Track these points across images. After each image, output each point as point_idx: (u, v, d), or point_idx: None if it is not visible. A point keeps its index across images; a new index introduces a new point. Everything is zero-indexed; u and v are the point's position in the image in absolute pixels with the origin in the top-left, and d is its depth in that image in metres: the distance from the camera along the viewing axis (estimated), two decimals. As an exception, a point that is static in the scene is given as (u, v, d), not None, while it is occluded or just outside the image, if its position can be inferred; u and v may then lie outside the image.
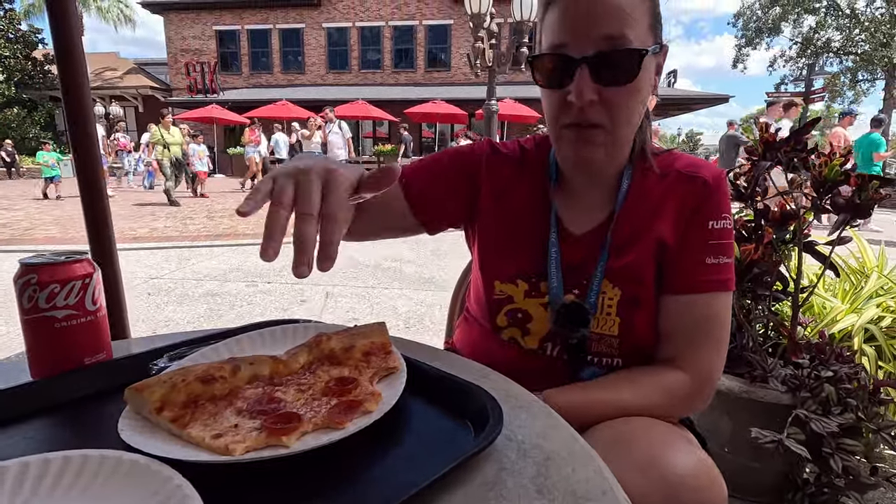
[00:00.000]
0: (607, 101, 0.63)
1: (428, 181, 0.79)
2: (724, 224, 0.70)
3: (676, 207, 0.70)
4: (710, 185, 0.70)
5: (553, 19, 0.64)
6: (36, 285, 0.52)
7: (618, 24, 0.60)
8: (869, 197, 1.28)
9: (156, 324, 3.04)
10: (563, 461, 0.41)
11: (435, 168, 0.80)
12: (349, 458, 0.41)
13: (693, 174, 0.71)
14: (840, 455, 1.21)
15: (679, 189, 0.71)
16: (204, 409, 0.44)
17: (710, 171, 0.72)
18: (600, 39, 0.61)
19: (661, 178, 0.73)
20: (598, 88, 0.62)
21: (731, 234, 0.71)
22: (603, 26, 0.61)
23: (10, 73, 19.77)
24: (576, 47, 0.62)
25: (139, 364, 0.55)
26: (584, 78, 0.61)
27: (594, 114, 0.64)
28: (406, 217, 0.78)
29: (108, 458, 0.37)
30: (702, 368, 0.69)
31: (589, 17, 0.61)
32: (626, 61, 0.62)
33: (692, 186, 0.71)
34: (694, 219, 0.70)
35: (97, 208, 1.10)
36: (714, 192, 0.70)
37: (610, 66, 0.62)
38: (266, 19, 20.53)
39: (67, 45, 1.07)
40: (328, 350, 0.53)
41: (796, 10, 22.58)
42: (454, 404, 0.48)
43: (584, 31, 0.61)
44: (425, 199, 0.78)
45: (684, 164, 0.74)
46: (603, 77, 0.62)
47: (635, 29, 0.61)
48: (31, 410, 0.48)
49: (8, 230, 6.12)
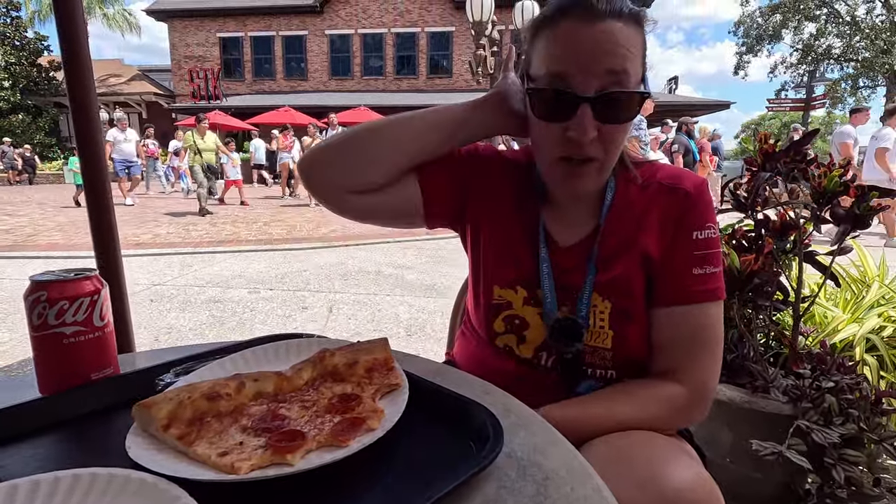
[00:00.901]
0: (604, 136, 0.64)
1: (440, 173, 0.78)
2: (709, 234, 0.70)
3: (659, 219, 0.71)
4: (691, 196, 0.71)
5: (552, 47, 0.64)
6: (46, 302, 0.53)
7: (621, 59, 0.62)
8: (868, 208, 1.29)
9: (158, 331, 3.05)
10: (562, 480, 0.41)
11: (448, 163, 0.79)
12: (352, 476, 0.42)
13: (674, 185, 0.72)
14: (842, 466, 1.21)
15: (661, 201, 0.72)
16: (209, 427, 0.45)
17: (692, 182, 0.72)
18: (604, 74, 0.62)
19: (643, 189, 0.74)
20: (598, 125, 0.63)
21: (717, 244, 0.71)
22: (607, 61, 0.61)
23: (16, 80, 19.95)
24: (580, 82, 0.62)
25: (146, 379, 0.56)
26: (587, 116, 0.62)
27: (591, 149, 0.65)
28: (414, 203, 0.77)
29: (116, 477, 0.38)
30: (698, 379, 0.69)
31: (594, 52, 0.61)
32: (628, 101, 0.63)
33: (674, 198, 0.71)
34: (678, 231, 0.70)
35: (103, 218, 1.11)
36: (696, 203, 0.71)
37: (613, 106, 0.63)
38: (269, 26, 20.71)
39: (75, 52, 1.08)
40: (331, 366, 0.54)
41: (796, 17, 22.68)
42: (455, 421, 0.49)
43: (588, 65, 0.62)
44: (436, 188, 0.78)
45: (665, 175, 0.74)
46: (604, 115, 0.63)
47: (634, 63, 0.63)
48: (39, 427, 0.49)
49: (11, 236, 6.15)
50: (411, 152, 0.75)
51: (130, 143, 9.55)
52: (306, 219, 7.92)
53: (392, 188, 0.75)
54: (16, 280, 4.17)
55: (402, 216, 0.80)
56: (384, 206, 0.77)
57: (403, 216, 0.80)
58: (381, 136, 0.75)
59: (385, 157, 0.74)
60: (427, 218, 0.80)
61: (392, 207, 0.78)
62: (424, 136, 0.75)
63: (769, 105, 16.95)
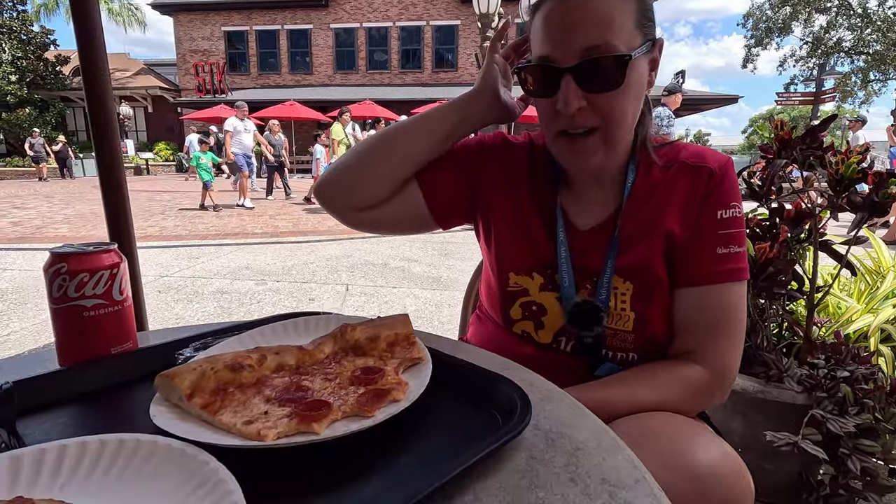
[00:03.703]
0: (597, 105, 0.63)
1: (441, 172, 0.79)
2: (734, 213, 0.69)
3: (683, 199, 0.70)
4: (716, 175, 0.69)
5: (537, 28, 0.65)
6: (66, 274, 0.53)
7: (598, 32, 0.60)
8: (888, 195, 1.27)
9: (166, 321, 3.06)
10: (593, 450, 0.41)
11: (448, 160, 0.80)
12: (378, 446, 0.41)
13: (699, 164, 0.71)
14: (857, 456, 1.20)
15: (685, 180, 0.70)
16: (233, 397, 0.45)
17: (716, 160, 0.71)
18: (583, 50, 0.61)
19: (665, 170, 0.72)
20: (586, 95, 0.62)
21: (741, 223, 0.69)
22: (584, 38, 0.61)
23: (23, 74, 20.02)
24: (559, 58, 0.62)
25: (165, 353, 0.56)
26: (570, 87, 0.62)
27: (585, 119, 0.64)
28: (420, 208, 0.79)
29: (143, 442, 0.37)
30: (719, 360, 0.68)
31: (570, 29, 0.61)
32: (611, 68, 0.61)
33: (698, 176, 0.70)
34: (702, 209, 0.69)
35: (118, 204, 1.12)
36: (721, 182, 0.69)
37: (595, 74, 0.62)
38: (274, 20, 20.67)
39: (90, 46, 1.10)
40: (353, 340, 0.54)
41: (807, 9, 22.37)
42: (480, 394, 0.48)
43: (565, 42, 0.62)
44: (437, 188, 0.79)
45: (689, 154, 0.73)
46: (589, 85, 0.62)
47: (619, 32, 0.61)
48: (62, 397, 0.49)
49: (20, 228, 6.19)
50: (407, 165, 0.77)
51: (249, 133, 8.36)
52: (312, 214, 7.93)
53: (397, 198, 0.78)
54: (26, 271, 4.20)
55: (413, 223, 0.82)
56: (394, 216, 0.80)
57: (415, 222, 0.82)
58: (373, 159, 0.77)
59: (381, 174, 0.77)
60: (437, 219, 0.81)
61: (402, 216, 0.81)
62: (417, 146, 0.77)
63: (778, 99, 16.72)
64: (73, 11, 1.08)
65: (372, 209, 0.78)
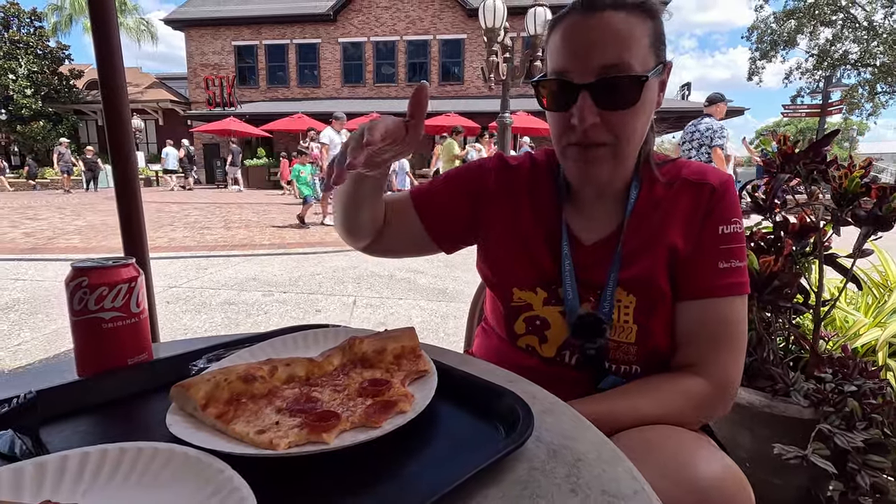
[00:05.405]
0: (611, 123, 0.66)
1: (438, 198, 0.83)
2: (735, 228, 0.71)
3: (686, 214, 0.72)
4: (717, 192, 0.72)
5: (556, 44, 0.67)
6: (86, 288, 0.55)
7: (616, 51, 0.63)
8: (891, 209, 1.27)
9: (174, 332, 3.09)
10: (593, 462, 0.42)
11: (445, 185, 0.85)
12: (385, 455, 0.43)
13: (701, 181, 0.73)
14: (867, 472, 1.19)
15: (687, 196, 0.73)
16: (245, 407, 0.46)
17: (718, 177, 0.73)
18: (600, 68, 0.63)
19: (668, 186, 0.74)
20: (601, 112, 0.65)
21: (742, 238, 0.71)
22: (602, 56, 0.63)
23: (38, 88, 20.48)
24: (577, 74, 0.64)
25: (180, 364, 0.58)
26: (586, 103, 0.64)
27: (597, 135, 0.66)
28: (421, 234, 0.83)
29: (160, 451, 0.39)
30: (721, 372, 0.69)
31: (589, 46, 0.63)
32: (627, 87, 0.64)
33: (700, 193, 0.72)
34: (704, 225, 0.71)
35: (132, 216, 1.15)
36: (722, 198, 0.71)
37: (611, 92, 0.64)
38: (283, 35, 21.03)
39: (109, 61, 1.14)
40: (360, 353, 0.55)
41: (812, 22, 22.44)
42: (484, 406, 0.49)
43: (584, 59, 0.64)
44: (435, 214, 0.83)
45: (691, 171, 0.75)
46: (604, 102, 0.64)
47: (636, 52, 0.64)
48: (80, 407, 0.51)
49: (32, 239, 6.29)
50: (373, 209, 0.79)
51: None
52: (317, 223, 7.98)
53: (396, 227, 0.83)
54: (38, 282, 4.26)
55: (418, 247, 0.86)
56: (399, 244, 0.86)
57: (419, 246, 0.86)
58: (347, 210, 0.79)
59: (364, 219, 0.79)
60: (438, 242, 0.85)
61: (406, 243, 0.86)
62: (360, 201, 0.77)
63: (785, 111, 16.71)
64: (93, 32, 1.12)
65: (378, 240, 0.84)
